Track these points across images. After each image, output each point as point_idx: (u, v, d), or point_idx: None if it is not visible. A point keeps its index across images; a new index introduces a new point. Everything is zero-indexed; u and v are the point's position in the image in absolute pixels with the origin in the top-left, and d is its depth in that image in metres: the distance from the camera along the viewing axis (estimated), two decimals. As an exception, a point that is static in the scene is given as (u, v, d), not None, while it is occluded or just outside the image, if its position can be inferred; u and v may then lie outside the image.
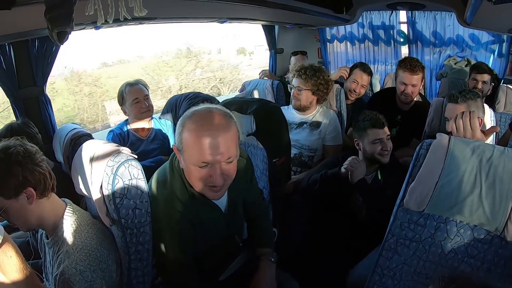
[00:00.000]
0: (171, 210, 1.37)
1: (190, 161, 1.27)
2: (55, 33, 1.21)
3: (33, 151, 1.26)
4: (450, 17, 4.18)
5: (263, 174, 2.02)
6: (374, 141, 2.14)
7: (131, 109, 2.61)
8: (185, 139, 1.26)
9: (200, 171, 1.27)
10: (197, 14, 2.86)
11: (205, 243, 1.48)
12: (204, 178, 1.28)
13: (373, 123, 2.15)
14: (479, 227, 1.24)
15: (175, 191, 1.38)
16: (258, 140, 2.00)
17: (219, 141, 1.23)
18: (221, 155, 1.25)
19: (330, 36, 5.10)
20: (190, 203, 1.39)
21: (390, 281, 1.37)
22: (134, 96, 2.58)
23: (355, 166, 2.06)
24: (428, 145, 1.29)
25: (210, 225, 1.47)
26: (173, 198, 1.38)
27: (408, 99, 2.84)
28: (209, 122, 1.25)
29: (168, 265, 1.42)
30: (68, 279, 1.16)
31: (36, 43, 2.36)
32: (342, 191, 2.14)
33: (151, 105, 2.66)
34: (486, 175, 1.20)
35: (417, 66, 2.78)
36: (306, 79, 2.67)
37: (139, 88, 2.61)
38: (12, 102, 2.42)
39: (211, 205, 1.44)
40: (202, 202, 1.41)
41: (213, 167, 1.26)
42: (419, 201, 1.28)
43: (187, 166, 1.30)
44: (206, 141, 1.22)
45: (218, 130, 1.24)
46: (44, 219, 1.30)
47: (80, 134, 2.18)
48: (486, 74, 3.19)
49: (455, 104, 2.03)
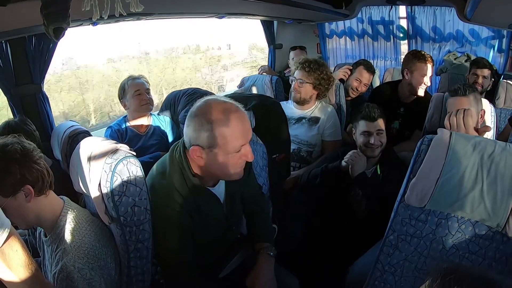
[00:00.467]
0: (170, 201, 1.38)
1: (229, 151, 1.33)
2: (51, 30, 1.20)
3: (30, 149, 1.25)
4: (450, 12, 4.17)
5: (262, 170, 2.02)
6: (362, 133, 2.16)
7: (131, 101, 2.61)
8: (220, 133, 1.30)
9: (236, 156, 1.35)
10: (194, 9, 2.84)
11: (205, 236, 1.49)
12: (238, 161, 1.36)
13: (364, 115, 2.16)
14: (481, 223, 1.24)
15: (174, 182, 1.40)
16: (257, 136, 1.99)
17: (247, 121, 1.37)
18: (250, 133, 1.39)
19: (329, 31, 5.09)
20: (189, 194, 1.40)
21: (391, 277, 1.37)
22: (136, 88, 2.59)
23: (356, 159, 2.07)
24: (429, 140, 1.29)
25: (209, 217, 1.48)
26: (172, 189, 1.39)
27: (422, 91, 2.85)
28: (232, 109, 1.34)
29: (167, 257, 1.42)
30: (67, 277, 1.16)
31: (33, 40, 2.34)
32: (342, 185, 2.13)
33: (151, 99, 2.67)
34: (487, 171, 1.20)
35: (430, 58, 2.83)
36: (309, 72, 2.67)
37: (141, 82, 2.63)
38: (10, 100, 2.41)
39: (210, 196, 1.47)
40: (201, 193, 1.43)
41: (245, 147, 1.36)
42: (420, 197, 1.27)
43: (223, 157, 1.34)
44: (241, 125, 1.33)
45: (241, 112, 1.36)
46: (42, 217, 1.29)
47: (78, 131, 2.16)
48: (486, 69, 3.18)
49: (457, 97, 2.04)
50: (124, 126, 2.65)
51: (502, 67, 4.02)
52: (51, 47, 2.44)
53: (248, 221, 1.76)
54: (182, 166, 1.39)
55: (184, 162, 1.39)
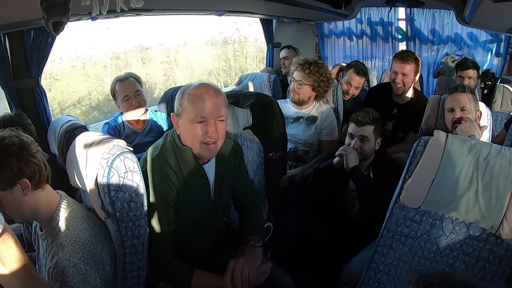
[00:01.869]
0: (157, 169, 1.48)
1: (189, 118, 1.45)
2: (50, 23, 1.19)
3: (28, 142, 1.25)
4: (449, 15, 4.19)
5: (259, 168, 2.02)
6: (348, 134, 2.17)
7: (122, 105, 2.61)
8: (185, 101, 1.46)
9: (197, 127, 1.45)
10: (194, 6, 2.84)
11: (190, 213, 1.54)
12: (200, 134, 1.46)
13: (354, 117, 2.16)
14: (475, 225, 1.25)
15: (164, 153, 1.51)
16: (254, 134, 1.99)
17: (214, 101, 1.46)
18: (216, 111, 1.46)
19: (328, 31, 5.09)
20: (178, 166, 1.51)
21: (385, 277, 1.38)
22: (124, 93, 2.57)
23: (348, 150, 2.06)
24: (425, 142, 1.30)
25: (195, 192, 1.56)
26: (162, 159, 1.50)
27: (399, 90, 2.81)
28: (206, 87, 1.48)
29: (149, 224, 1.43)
30: (62, 272, 1.16)
31: (32, 34, 2.33)
32: (336, 184, 2.13)
33: (142, 100, 2.64)
34: (482, 174, 1.21)
35: (409, 56, 2.77)
36: (309, 74, 2.65)
37: (129, 84, 2.60)
38: (7, 93, 2.39)
39: (199, 170, 1.55)
40: (190, 165, 1.52)
41: (209, 123, 1.45)
42: (415, 197, 1.28)
43: (185, 125, 1.48)
44: (205, 100, 1.45)
45: (214, 93, 1.48)
46: (39, 211, 1.29)
47: (75, 126, 2.16)
48: (470, 70, 3.20)
49: (456, 93, 2.15)
50: (121, 122, 2.65)
51: (500, 70, 4.04)
52: (49, 41, 2.43)
53: (240, 217, 1.78)
54: (173, 139, 1.52)
55: (175, 135, 1.53)
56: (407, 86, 2.81)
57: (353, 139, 2.12)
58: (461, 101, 2.13)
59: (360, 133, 2.10)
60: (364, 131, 2.10)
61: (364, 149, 2.10)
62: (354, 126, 2.13)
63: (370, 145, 2.11)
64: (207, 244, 1.67)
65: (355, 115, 2.17)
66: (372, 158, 2.16)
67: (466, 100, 2.12)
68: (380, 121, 2.19)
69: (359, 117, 2.12)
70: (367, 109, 2.18)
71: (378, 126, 2.15)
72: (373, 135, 2.12)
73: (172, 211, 1.49)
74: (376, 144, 2.15)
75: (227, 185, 1.69)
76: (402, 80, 2.76)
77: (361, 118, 2.12)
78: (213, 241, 1.69)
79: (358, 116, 2.13)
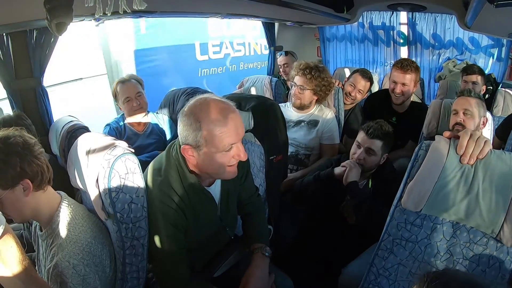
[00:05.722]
0: (164, 198, 1.37)
1: (218, 149, 1.32)
2: (54, 24, 1.20)
3: (32, 143, 1.25)
4: (451, 20, 4.20)
5: (259, 171, 2.02)
6: (356, 142, 2.13)
7: (123, 107, 2.63)
8: (209, 131, 1.29)
9: (226, 155, 1.34)
10: (197, 9, 2.84)
11: (197, 235, 1.48)
12: (228, 160, 1.35)
13: (365, 126, 2.11)
14: (475, 229, 1.25)
15: (170, 179, 1.39)
16: (255, 137, 2.00)
17: (239, 120, 1.35)
18: (242, 130, 1.37)
19: (330, 35, 5.10)
20: (184, 192, 1.40)
21: (385, 281, 1.38)
22: (125, 95, 2.59)
23: (351, 166, 2.04)
24: (427, 146, 1.30)
25: (203, 216, 1.48)
26: (167, 186, 1.39)
27: (398, 100, 2.82)
28: (224, 108, 1.32)
29: (160, 253, 1.41)
30: (61, 272, 1.16)
31: (35, 34, 2.33)
32: (334, 192, 2.12)
33: (144, 102, 2.66)
34: (483, 178, 1.21)
35: (409, 66, 2.75)
36: (311, 79, 2.65)
37: (130, 85, 2.61)
38: (9, 93, 2.39)
39: (205, 195, 1.46)
40: (196, 191, 1.42)
41: (237, 146, 1.35)
42: (417, 201, 1.28)
43: (212, 156, 1.33)
44: (232, 124, 1.31)
45: (234, 111, 1.35)
46: (39, 212, 1.29)
47: (77, 126, 2.16)
48: (475, 75, 3.21)
49: (463, 97, 2.17)
50: (122, 124, 2.66)
51: (501, 75, 4.04)
52: (52, 41, 2.43)
53: (243, 221, 1.76)
54: (179, 163, 1.39)
55: (180, 159, 1.39)
56: (407, 96, 2.82)
57: (359, 149, 2.09)
58: (465, 104, 2.14)
59: (368, 146, 2.06)
60: (372, 144, 2.06)
61: (368, 161, 2.07)
62: (364, 136, 2.08)
63: (375, 160, 2.08)
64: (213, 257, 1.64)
65: (367, 124, 2.11)
66: (374, 170, 2.14)
67: (470, 104, 2.12)
68: (392, 136, 2.13)
69: (371, 128, 2.07)
70: (381, 122, 2.12)
71: (387, 142, 2.10)
72: (381, 150, 2.07)
73: (183, 237, 1.43)
74: (382, 159, 2.11)
75: (234, 201, 1.63)
76: (402, 90, 2.76)
77: (372, 130, 2.07)
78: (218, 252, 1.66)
79: (370, 128, 2.08)
